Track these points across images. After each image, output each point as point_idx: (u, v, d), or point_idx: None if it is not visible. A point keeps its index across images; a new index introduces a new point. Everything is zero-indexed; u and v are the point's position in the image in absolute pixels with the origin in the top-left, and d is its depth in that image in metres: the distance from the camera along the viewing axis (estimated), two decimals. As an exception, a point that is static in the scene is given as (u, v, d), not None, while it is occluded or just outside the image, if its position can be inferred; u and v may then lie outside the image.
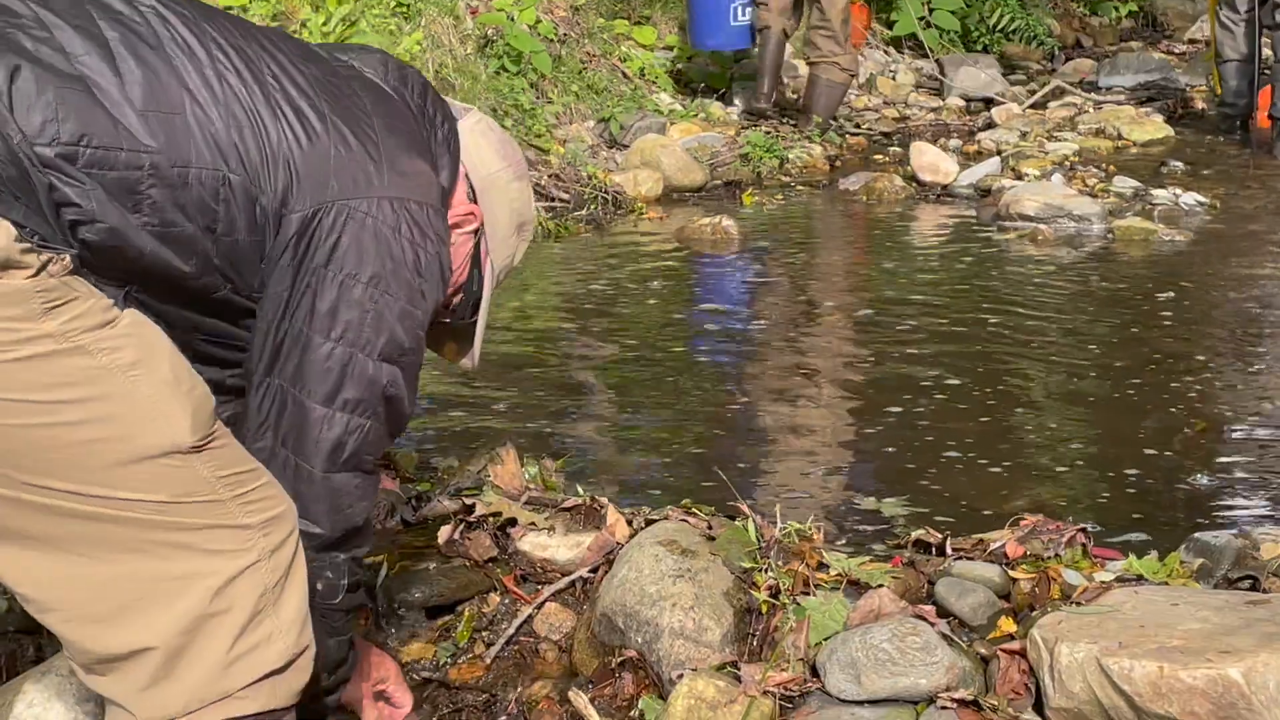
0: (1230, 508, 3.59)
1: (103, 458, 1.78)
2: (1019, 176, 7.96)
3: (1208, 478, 3.78)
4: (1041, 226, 6.79)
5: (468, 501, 3.14)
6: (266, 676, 1.88)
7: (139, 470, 1.80)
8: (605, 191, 7.53)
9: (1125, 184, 7.67)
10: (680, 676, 2.60)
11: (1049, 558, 2.91)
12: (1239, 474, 3.84)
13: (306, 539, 2.05)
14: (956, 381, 4.64)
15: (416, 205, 2.14)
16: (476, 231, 2.36)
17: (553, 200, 7.37)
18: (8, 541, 1.80)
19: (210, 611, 1.84)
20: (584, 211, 7.40)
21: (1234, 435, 4.13)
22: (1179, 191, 7.45)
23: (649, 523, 3.02)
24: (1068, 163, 8.41)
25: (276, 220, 2.05)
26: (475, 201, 2.35)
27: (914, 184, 7.97)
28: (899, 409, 4.35)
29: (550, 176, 7.55)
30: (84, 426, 1.77)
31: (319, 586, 2.12)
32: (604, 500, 3.12)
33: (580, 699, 2.68)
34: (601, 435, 4.24)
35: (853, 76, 9.37)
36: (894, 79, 11.13)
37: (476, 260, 2.38)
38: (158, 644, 1.83)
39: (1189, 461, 3.89)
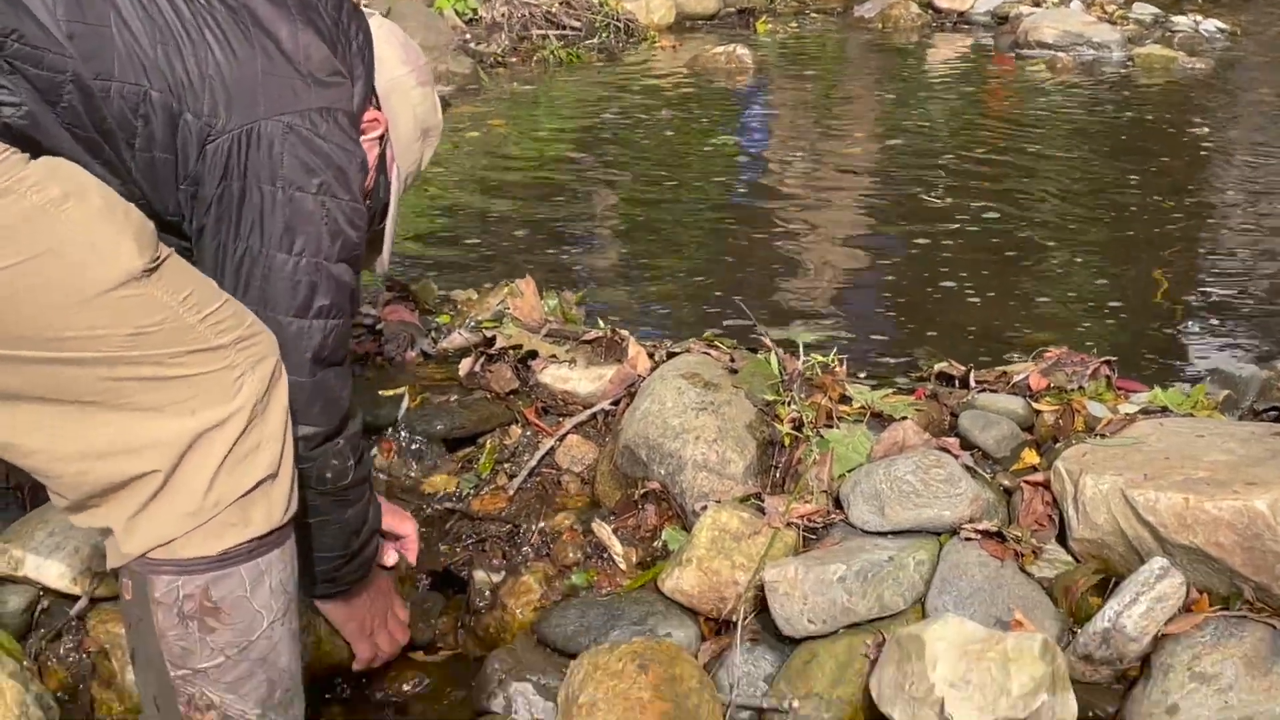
0: (1257, 342, 3.58)
1: (56, 301, 1.75)
2: (1037, 3, 7.81)
3: (1232, 316, 3.75)
4: (1060, 54, 6.68)
5: (488, 334, 3.13)
6: (258, 485, 1.87)
7: (97, 307, 1.77)
8: (617, 19, 7.41)
9: (1145, 11, 7.55)
10: (704, 508, 2.61)
11: (1073, 390, 2.89)
12: (1265, 310, 3.82)
13: (307, 441, 2.09)
14: (979, 215, 4.59)
15: (343, 114, 2.14)
16: (382, 138, 2.34)
17: (564, 29, 7.25)
18: None
19: (202, 428, 1.83)
20: (595, 40, 7.29)
21: (1265, 271, 4.10)
22: (1199, 19, 7.33)
23: (670, 356, 3.01)
24: (1087, -11, 8.26)
25: (201, 140, 2.03)
26: (379, 108, 2.32)
27: (930, 11, 7.84)
28: (924, 241, 4.32)
29: (561, 4, 7.42)
30: (27, 271, 1.73)
31: (328, 475, 2.15)
32: (625, 333, 3.11)
33: (603, 530, 2.69)
34: (621, 268, 4.21)
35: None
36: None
37: (383, 167, 2.36)
38: (156, 467, 1.81)
39: (1213, 299, 3.86)
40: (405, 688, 2.59)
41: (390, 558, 2.48)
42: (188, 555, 1.84)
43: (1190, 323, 3.74)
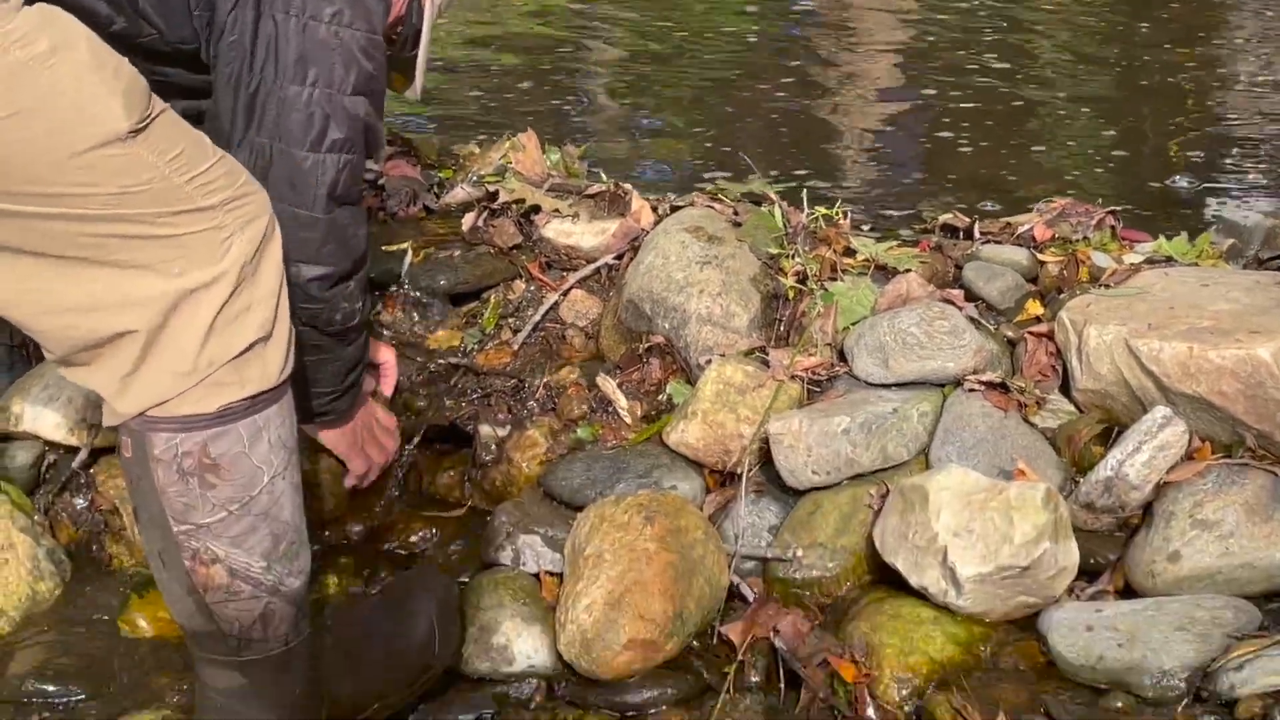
0: (1263, 190, 3.55)
1: (42, 157, 1.72)
2: None
3: (1240, 166, 3.72)
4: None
5: (490, 188, 3.10)
6: (251, 347, 1.86)
7: (82, 165, 1.74)
8: None
9: None
10: (708, 362, 2.61)
11: (1077, 240, 2.88)
12: (1274, 159, 3.78)
13: (321, 282, 2.10)
14: (987, 66, 4.53)
15: None
16: None
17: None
18: None
19: (188, 287, 1.80)
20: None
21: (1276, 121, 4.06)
22: None
23: (674, 209, 2.99)
24: None
25: None
26: None
27: None
28: (931, 93, 4.27)
29: None
30: (12, 126, 1.70)
31: (338, 318, 2.17)
32: (628, 187, 3.08)
33: (608, 383, 2.70)
34: (623, 122, 4.17)
35: None
36: None
37: None
38: (139, 326, 1.80)
39: (1221, 149, 3.83)
40: (413, 540, 2.62)
41: (368, 384, 2.51)
42: (185, 412, 1.84)
43: (1196, 173, 3.71)
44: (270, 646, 1.99)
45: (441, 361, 2.85)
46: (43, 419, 2.63)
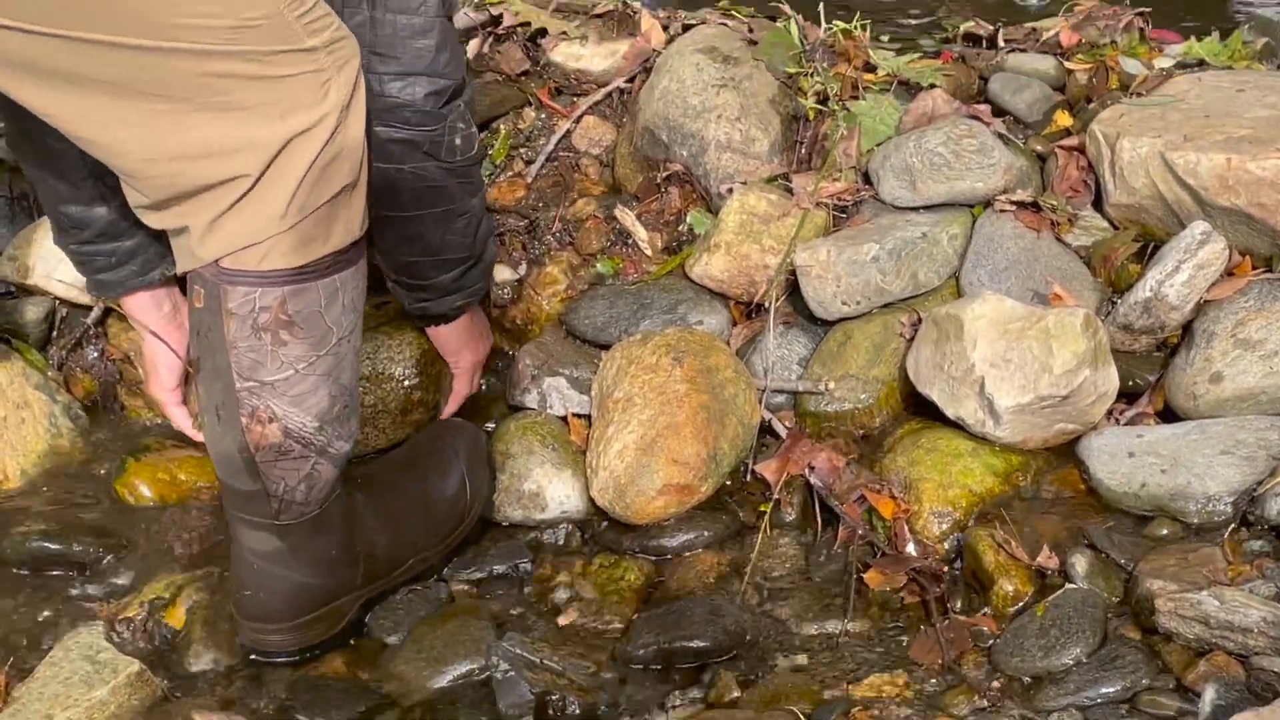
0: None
1: None
2: None
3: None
4: None
5: (494, 12, 2.99)
6: (339, 194, 1.81)
7: None
8: None
9: None
10: (730, 190, 2.54)
11: (1105, 44, 2.77)
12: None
13: (438, 96, 2.01)
14: None
15: None
16: None
17: None
18: (78, 88, 1.71)
19: (291, 133, 1.75)
20: None
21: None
22: None
23: (686, 28, 2.87)
24: None
25: None
26: None
27: None
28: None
29: None
30: None
31: (458, 142, 2.07)
32: (637, 5, 2.96)
33: (627, 216, 2.63)
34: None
35: None
36: None
37: None
38: (250, 171, 1.75)
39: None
40: (435, 384, 2.57)
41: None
42: (268, 267, 1.81)
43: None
44: (309, 510, 1.97)
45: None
46: (56, 275, 2.57)
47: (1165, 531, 2.07)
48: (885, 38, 2.93)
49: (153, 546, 2.29)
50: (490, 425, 2.44)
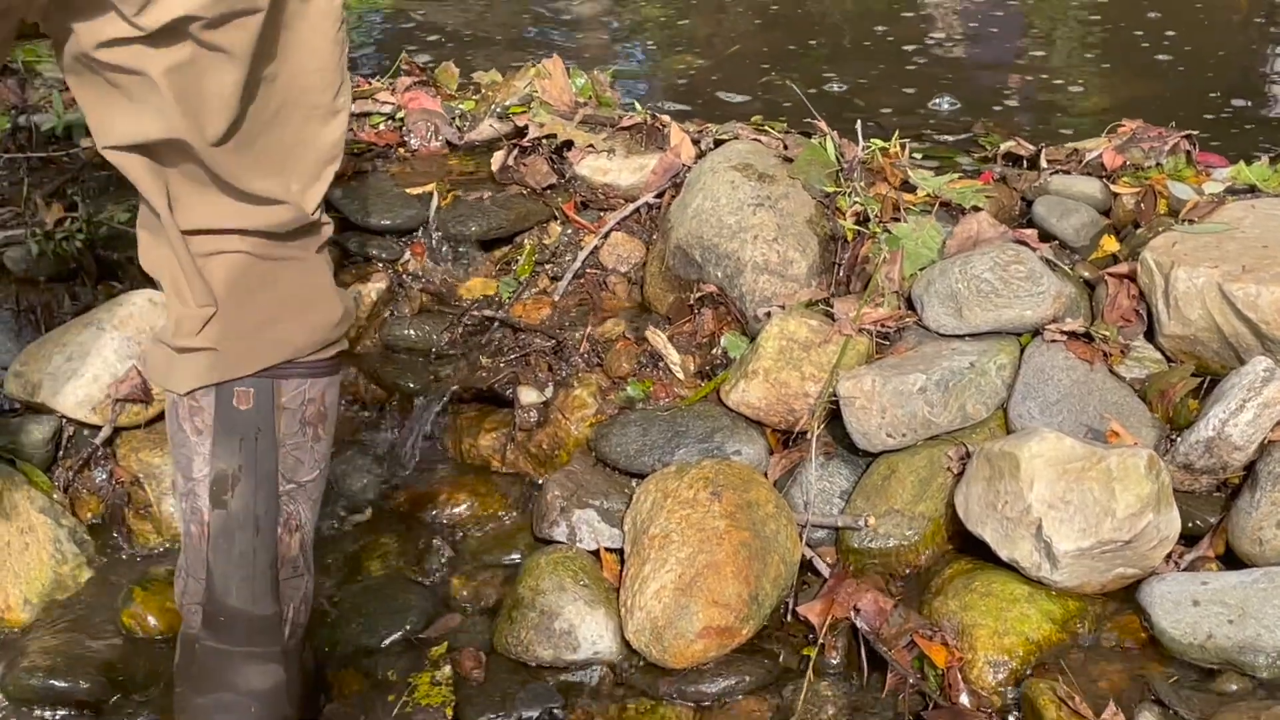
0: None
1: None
2: None
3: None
4: None
5: (519, 123, 2.91)
6: None
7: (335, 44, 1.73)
8: None
9: None
10: (767, 314, 2.45)
11: (1150, 167, 2.70)
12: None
13: None
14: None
15: None
16: None
17: None
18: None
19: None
20: None
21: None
22: None
23: (717, 143, 2.79)
24: None
25: None
26: None
27: None
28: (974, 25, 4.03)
29: None
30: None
31: None
32: (666, 118, 2.89)
33: (658, 337, 2.53)
34: (653, 43, 3.93)
35: None
36: None
37: None
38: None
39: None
40: (458, 511, 2.46)
41: None
42: (328, 355, 1.82)
43: (1263, 85, 3.51)
44: (299, 634, 1.88)
45: (475, 314, 2.68)
46: (64, 395, 2.47)
47: (1235, 687, 1.96)
48: (919, 155, 2.85)
49: (163, 683, 2.16)
50: (515, 557, 2.33)
